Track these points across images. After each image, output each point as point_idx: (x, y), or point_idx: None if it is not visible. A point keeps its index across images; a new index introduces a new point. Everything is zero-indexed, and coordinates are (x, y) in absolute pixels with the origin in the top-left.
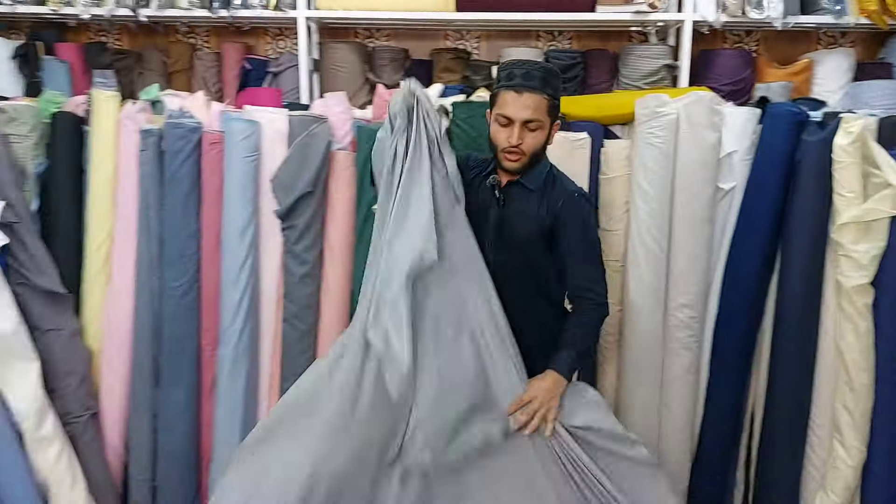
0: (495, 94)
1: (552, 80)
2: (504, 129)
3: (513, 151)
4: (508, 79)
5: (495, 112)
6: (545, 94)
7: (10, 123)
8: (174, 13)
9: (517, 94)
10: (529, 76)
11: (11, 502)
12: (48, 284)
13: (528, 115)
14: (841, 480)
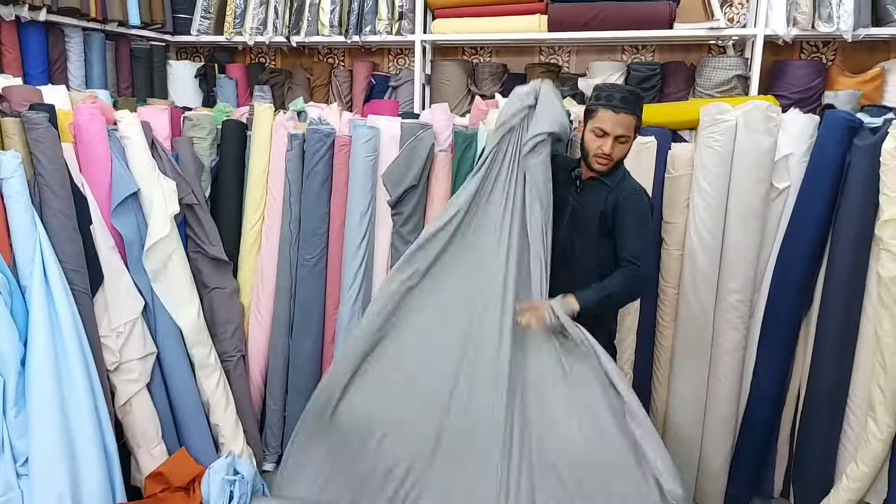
0: (594, 110)
1: (640, 105)
2: (598, 139)
3: (604, 157)
4: (608, 99)
5: (592, 125)
6: (635, 116)
7: (193, 128)
8: (318, 39)
9: (615, 113)
10: (626, 100)
11: (184, 412)
12: (216, 253)
13: (621, 132)
14: (871, 453)
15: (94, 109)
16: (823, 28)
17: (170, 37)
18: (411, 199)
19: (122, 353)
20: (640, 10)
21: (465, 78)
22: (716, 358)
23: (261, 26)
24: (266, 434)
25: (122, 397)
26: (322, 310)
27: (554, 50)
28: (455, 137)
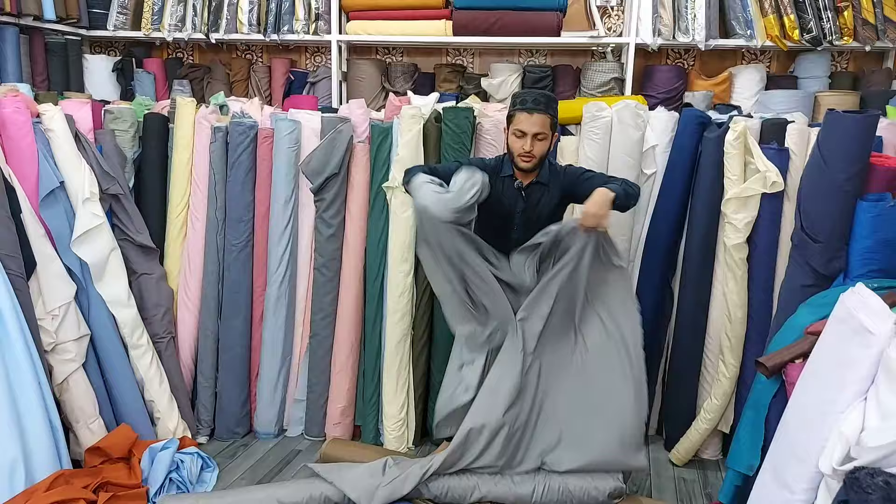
0: (512, 114)
1: (552, 104)
2: (520, 140)
3: (526, 156)
4: (522, 103)
5: (513, 128)
6: (548, 114)
7: (114, 121)
8: (237, 36)
9: (529, 115)
10: (538, 101)
11: (120, 389)
12: (143, 240)
13: (537, 129)
14: (721, 388)
15: (19, 103)
16: (682, 38)
17: (85, 31)
18: (333, 186)
19: (57, 335)
20: (533, 19)
21: (379, 76)
22: None
23: (179, 23)
24: (198, 409)
25: (60, 376)
26: (250, 291)
27: (459, 52)
28: (372, 130)
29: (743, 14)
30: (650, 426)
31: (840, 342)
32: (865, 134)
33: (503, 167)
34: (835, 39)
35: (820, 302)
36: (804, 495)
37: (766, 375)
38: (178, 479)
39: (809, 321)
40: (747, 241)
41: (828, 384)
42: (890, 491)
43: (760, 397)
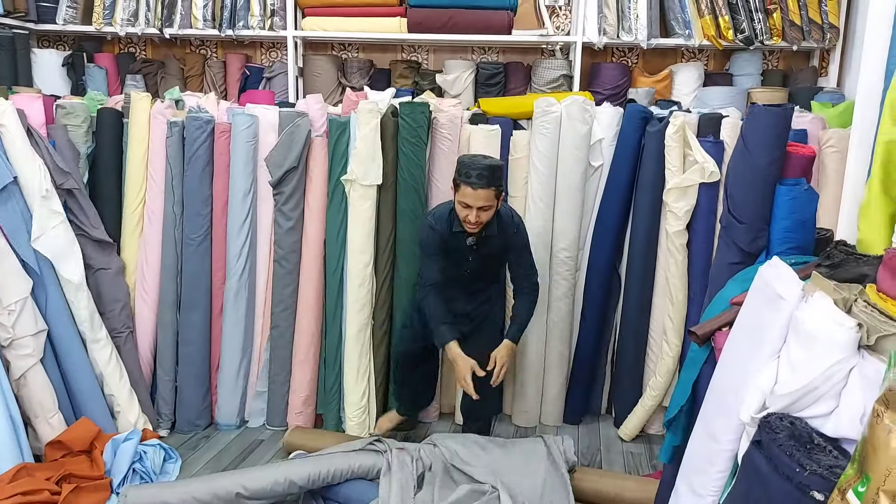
0: (458, 184)
1: (496, 175)
2: (465, 210)
3: (473, 224)
4: (467, 176)
5: (458, 198)
6: (492, 188)
7: (66, 116)
8: (191, 31)
9: (474, 190)
10: (481, 176)
11: (79, 384)
12: (99, 235)
13: (481, 203)
14: (665, 366)
15: None
16: (626, 37)
17: (33, 25)
18: (291, 179)
19: (14, 330)
20: (485, 18)
21: (335, 71)
22: (551, 304)
23: (132, 18)
24: (158, 402)
25: (17, 371)
26: (209, 285)
27: (414, 48)
28: (330, 124)
29: (682, 15)
30: (600, 405)
31: (757, 309)
32: (783, 125)
33: (452, 224)
34: (765, 39)
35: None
36: (729, 445)
37: (697, 343)
38: (142, 470)
39: (736, 294)
40: (687, 228)
41: (748, 346)
42: (794, 430)
43: (692, 363)
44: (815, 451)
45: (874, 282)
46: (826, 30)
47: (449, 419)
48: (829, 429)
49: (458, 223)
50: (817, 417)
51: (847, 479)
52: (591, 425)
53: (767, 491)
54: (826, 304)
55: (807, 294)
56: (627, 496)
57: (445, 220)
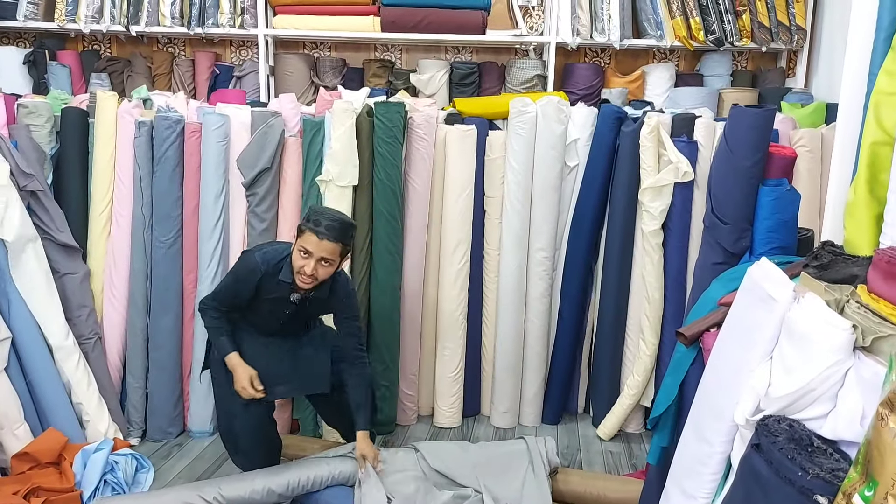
0: (303, 230)
1: (348, 232)
2: (304, 259)
3: (308, 277)
4: (315, 224)
5: (299, 243)
6: (340, 244)
7: (29, 116)
8: (159, 29)
9: (319, 240)
10: (331, 228)
11: (46, 393)
12: (65, 239)
13: (324, 255)
14: (642, 366)
15: None
16: (599, 38)
17: None
18: (265, 180)
19: None
20: (458, 17)
21: (308, 70)
22: (529, 304)
23: (97, 14)
24: (128, 410)
25: None
26: (180, 288)
27: (387, 48)
28: (304, 124)
29: (653, 16)
30: (578, 405)
31: (748, 310)
32: (765, 125)
33: (283, 270)
34: (735, 40)
35: (730, 277)
36: (721, 447)
37: (685, 344)
38: (114, 481)
39: (721, 294)
40: (662, 228)
41: (739, 347)
42: (793, 433)
43: (679, 364)
44: (816, 453)
45: (864, 282)
46: (794, 31)
47: (427, 421)
48: (826, 431)
49: (289, 273)
50: (814, 419)
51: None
52: (569, 425)
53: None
54: (818, 305)
55: (798, 295)
56: (611, 496)
57: (275, 264)
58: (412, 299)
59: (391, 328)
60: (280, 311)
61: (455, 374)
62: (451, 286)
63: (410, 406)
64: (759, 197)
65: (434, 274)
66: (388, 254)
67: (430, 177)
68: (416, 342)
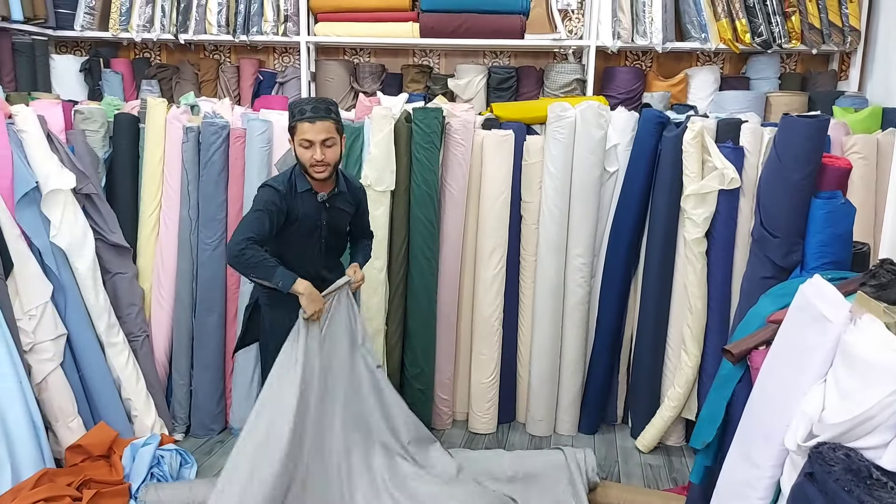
0: (294, 126)
1: (332, 107)
2: (308, 150)
3: (319, 165)
4: (301, 113)
5: (298, 139)
6: (332, 119)
7: (84, 122)
8: (205, 37)
9: (312, 124)
10: (317, 109)
11: (97, 388)
12: (116, 240)
13: (323, 136)
14: (684, 377)
15: None
16: (640, 41)
17: (52, 31)
18: None
19: (35, 335)
20: (497, 22)
21: (348, 76)
22: (566, 310)
23: (148, 24)
24: (174, 406)
25: (39, 375)
26: (224, 289)
27: (426, 53)
28: (343, 130)
29: (697, 18)
30: (616, 415)
31: (800, 329)
32: (817, 136)
33: (297, 183)
34: (784, 43)
35: (780, 292)
36: (771, 471)
37: (732, 362)
38: (160, 475)
39: (771, 311)
40: (706, 236)
41: (790, 368)
42: (850, 462)
43: (725, 382)
44: (876, 486)
45: None
46: (847, 32)
47: (462, 426)
48: (886, 462)
49: (304, 180)
50: (873, 449)
51: None
52: (607, 435)
53: None
54: (877, 328)
55: (854, 316)
56: None
57: (287, 181)
58: (448, 304)
59: (427, 332)
60: (316, 224)
61: (490, 379)
62: (487, 291)
63: (445, 410)
64: (811, 210)
65: (470, 279)
66: (425, 258)
67: (466, 182)
68: (452, 347)
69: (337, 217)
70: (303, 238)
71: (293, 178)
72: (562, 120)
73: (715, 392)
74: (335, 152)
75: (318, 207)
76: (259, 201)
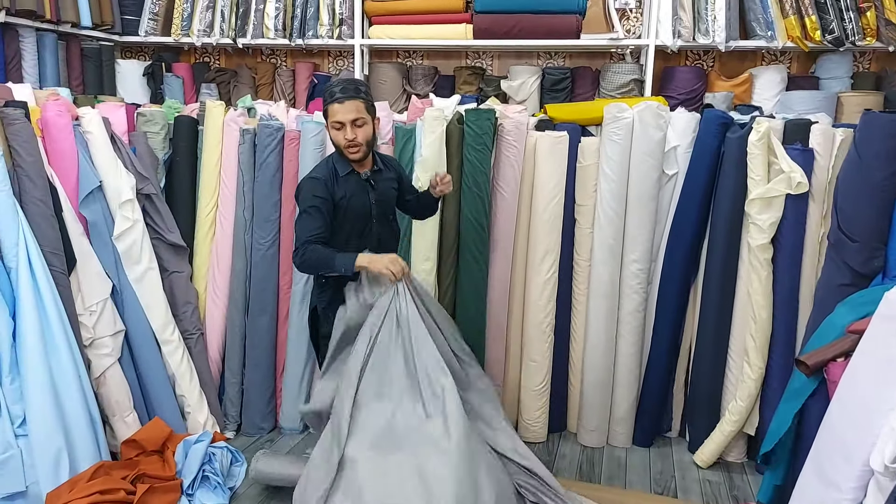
0: (326, 109)
1: (362, 88)
2: (340, 132)
3: (352, 145)
4: (331, 95)
5: (330, 121)
6: (361, 98)
7: (146, 124)
8: (263, 41)
9: (341, 104)
10: (346, 90)
11: (153, 384)
12: (174, 239)
13: (353, 116)
14: (746, 391)
15: (61, 106)
16: (702, 40)
17: (117, 37)
18: None
19: (95, 330)
20: (552, 22)
21: (401, 79)
22: (621, 319)
23: (208, 28)
24: (225, 404)
25: (97, 370)
26: (276, 289)
27: (479, 55)
28: (396, 132)
29: (763, 15)
30: (673, 427)
31: (886, 340)
32: None
33: (337, 169)
34: (857, 40)
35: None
36: (852, 493)
37: (806, 374)
38: (211, 472)
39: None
40: (772, 242)
41: (875, 382)
42: None
43: (797, 395)
44: None
45: None
46: None
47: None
48: None
49: (344, 163)
50: None
51: None
52: (663, 449)
53: None
54: None
55: None
56: None
57: (327, 169)
58: (498, 308)
59: (476, 335)
60: (366, 205)
61: (541, 387)
62: (539, 296)
63: None
64: (894, 213)
65: (521, 283)
66: (475, 261)
67: (518, 184)
68: (502, 351)
69: (384, 194)
70: (355, 223)
71: (332, 164)
72: (619, 121)
73: (784, 405)
74: (367, 131)
75: (364, 187)
76: (303, 200)
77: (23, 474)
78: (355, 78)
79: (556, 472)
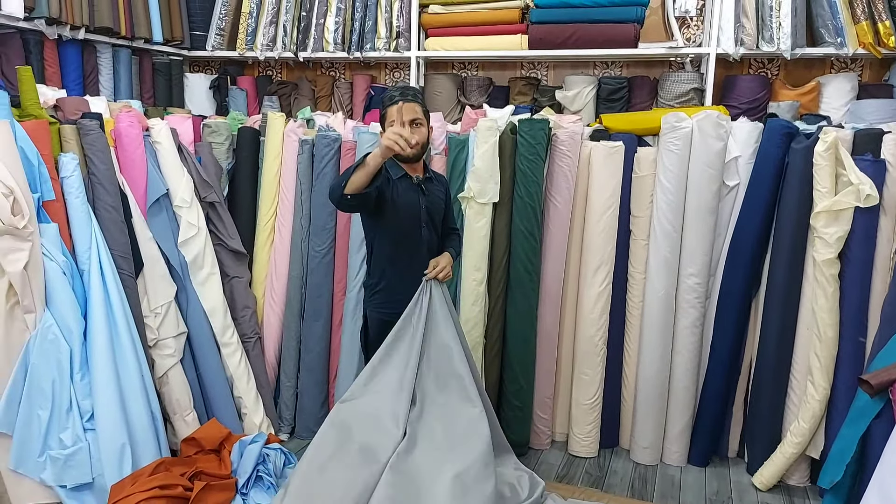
0: (384, 113)
1: (417, 91)
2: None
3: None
4: (390, 99)
5: (388, 122)
6: (417, 102)
7: (211, 135)
8: (322, 54)
9: (399, 105)
10: (404, 93)
11: (212, 385)
12: (235, 246)
13: (411, 116)
14: (810, 412)
15: (133, 118)
16: (766, 48)
17: (186, 52)
18: None
19: (159, 331)
20: (609, 32)
21: (455, 90)
22: (677, 334)
23: (271, 43)
24: (280, 407)
25: (160, 370)
26: (331, 296)
27: (534, 65)
28: (449, 142)
29: (833, 21)
30: (730, 448)
31: None
32: None
33: (391, 171)
34: None
35: None
36: None
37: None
38: (265, 472)
39: None
40: (839, 257)
41: None
42: None
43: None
44: None
45: None
46: None
47: (561, 447)
48: None
49: (397, 166)
50: None
51: None
52: (719, 469)
53: None
54: None
55: None
56: None
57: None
58: (549, 319)
59: (527, 348)
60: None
61: (593, 401)
62: (591, 309)
63: (544, 430)
64: None
65: (573, 295)
66: (526, 272)
67: (571, 195)
68: (553, 364)
69: (433, 202)
70: (404, 223)
71: (385, 168)
72: (677, 130)
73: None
74: (423, 133)
75: (416, 191)
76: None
77: (90, 466)
78: (411, 85)
79: (608, 488)
